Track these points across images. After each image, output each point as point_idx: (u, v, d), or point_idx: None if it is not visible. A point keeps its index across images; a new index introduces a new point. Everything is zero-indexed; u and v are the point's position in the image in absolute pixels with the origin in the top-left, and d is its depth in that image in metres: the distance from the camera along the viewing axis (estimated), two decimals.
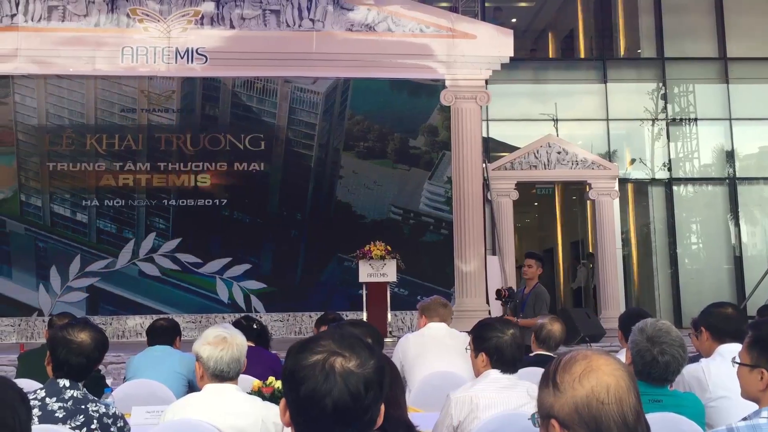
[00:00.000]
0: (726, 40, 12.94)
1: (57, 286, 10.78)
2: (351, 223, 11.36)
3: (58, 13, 11.18)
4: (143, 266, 10.93)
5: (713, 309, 3.28)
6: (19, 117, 11.14)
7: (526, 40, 15.31)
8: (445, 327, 4.46)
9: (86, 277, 10.83)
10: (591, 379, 1.33)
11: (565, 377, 1.35)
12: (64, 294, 10.78)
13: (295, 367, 1.35)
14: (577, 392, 1.32)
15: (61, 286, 10.78)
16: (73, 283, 10.81)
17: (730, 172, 12.80)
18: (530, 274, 6.52)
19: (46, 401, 2.67)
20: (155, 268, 10.94)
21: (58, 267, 10.83)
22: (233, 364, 2.78)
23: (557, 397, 1.34)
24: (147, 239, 11.00)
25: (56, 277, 10.78)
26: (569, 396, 1.33)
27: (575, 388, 1.33)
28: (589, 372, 1.34)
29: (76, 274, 10.81)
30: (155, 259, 10.96)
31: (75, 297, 10.77)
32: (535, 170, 11.89)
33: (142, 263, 10.94)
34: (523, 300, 6.41)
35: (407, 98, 11.70)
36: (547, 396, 1.36)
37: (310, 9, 11.50)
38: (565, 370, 1.36)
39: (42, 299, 10.74)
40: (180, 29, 11.27)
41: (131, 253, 10.96)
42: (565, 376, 1.35)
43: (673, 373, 2.70)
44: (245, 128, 11.36)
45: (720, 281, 12.57)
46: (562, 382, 1.34)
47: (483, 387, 2.79)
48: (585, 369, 1.35)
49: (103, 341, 2.87)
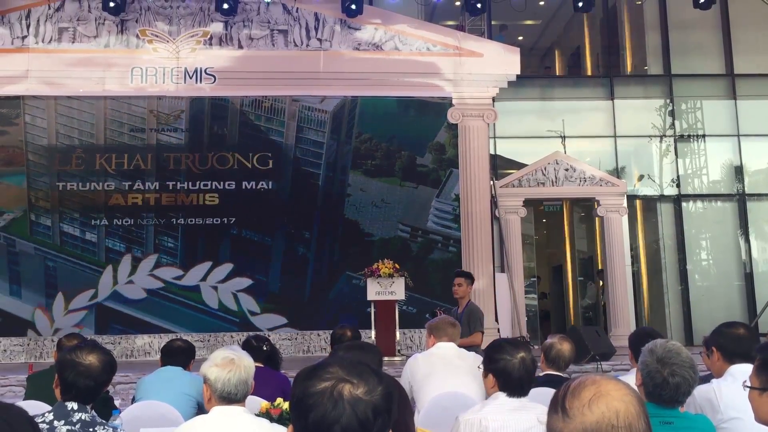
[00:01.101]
0: (733, 57, 12.94)
1: (62, 306, 10.80)
2: (359, 241, 11.38)
3: (68, 35, 11.31)
4: (151, 285, 10.95)
5: (724, 329, 3.24)
6: (30, 137, 11.23)
7: (532, 57, 15.37)
8: (454, 347, 4.43)
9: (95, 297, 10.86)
10: (601, 405, 1.32)
11: (575, 403, 1.33)
12: (72, 313, 10.80)
13: (303, 395, 1.34)
14: (587, 418, 1.31)
15: (66, 306, 10.81)
16: (80, 303, 10.83)
17: (739, 188, 12.74)
18: (461, 292, 6.49)
19: (54, 424, 2.67)
20: (163, 286, 10.97)
21: (67, 286, 10.87)
22: (241, 386, 2.77)
23: (566, 423, 1.33)
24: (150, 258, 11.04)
25: (62, 297, 10.82)
26: (578, 422, 1.31)
27: (585, 414, 1.31)
28: (599, 397, 1.33)
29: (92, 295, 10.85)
30: (162, 277, 10.98)
31: (79, 317, 10.80)
32: (543, 187, 11.88)
33: (151, 282, 10.96)
34: (458, 319, 6.32)
35: (414, 116, 11.74)
36: (557, 422, 1.34)
37: (318, 28, 11.59)
38: (574, 396, 1.34)
39: (50, 318, 10.76)
40: (189, 50, 11.37)
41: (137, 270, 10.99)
42: (575, 402, 1.33)
43: (684, 395, 2.67)
44: (253, 147, 11.41)
45: (731, 298, 12.48)
46: (571, 407, 1.33)
47: (492, 409, 2.77)
48: (594, 394, 1.33)
49: (111, 363, 2.88)
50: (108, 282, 10.92)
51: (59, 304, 10.80)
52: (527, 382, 2.86)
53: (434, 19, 12.86)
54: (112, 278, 10.93)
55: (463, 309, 6.41)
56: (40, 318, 10.76)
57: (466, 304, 6.44)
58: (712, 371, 3.36)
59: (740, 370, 2.89)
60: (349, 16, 11.28)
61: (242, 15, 11.47)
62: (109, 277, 10.93)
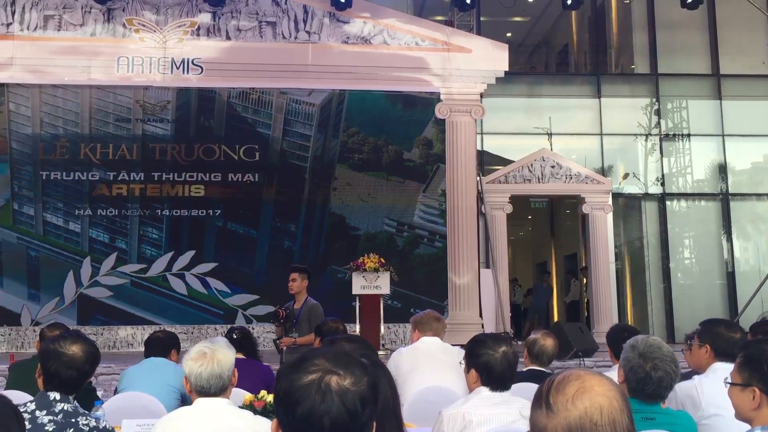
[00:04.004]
0: (719, 57, 13.03)
1: (48, 296, 10.73)
2: (345, 235, 11.37)
3: (54, 23, 11.19)
4: (135, 276, 10.90)
5: (724, 331, 3.21)
6: (14, 125, 11.12)
7: (521, 54, 15.39)
8: (439, 341, 4.44)
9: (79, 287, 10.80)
10: (584, 400, 1.32)
11: (558, 398, 1.34)
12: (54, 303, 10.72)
13: (289, 388, 1.33)
14: (570, 413, 1.31)
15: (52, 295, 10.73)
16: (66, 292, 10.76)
17: (722, 188, 12.86)
18: (296, 288, 6.15)
19: (36, 414, 2.65)
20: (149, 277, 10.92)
21: (49, 276, 10.79)
22: (213, 380, 2.76)
23: (550, 418, 1.33)
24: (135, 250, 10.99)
25: (47, 286, 10.74)
26: (562, 417, 1.32)
27: (568, 409, 1.32)
28: (582, 393, 1.33)
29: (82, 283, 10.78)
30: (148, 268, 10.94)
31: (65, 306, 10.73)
32: (529, 184, 11.92)
33: (135, 273, 10.91)
34: (296, 316, 6.09)
35: (402, 111, 11.73)
36: (541, 417, 1.35)
37: (306, 21, 11.54)
38: (558, 391, 1.35)
39: (32, 308, 10.68)
40: (176, 40, 11.29)
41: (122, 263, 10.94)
42: (558, 397, 1.34)
43: (666, 389, 2.70)
44: (240, 139, 11.36)
45: (712, 296, 12.60)
46: (555, 402, 1.33)
47: (475, 403, 2.78)
48: (578, 389, 1.34)
49: (94, 354, 2.86)
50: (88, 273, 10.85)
51: (45, 296, 10.73)
52: (510, 376, 2.87)
53: (423, 14, 12.87)
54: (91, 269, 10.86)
55: (302, 305, 6.13)
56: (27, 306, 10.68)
57: (305, 301, 6.15)
58: (694, 365, 3.39)
59: (723, 368, 2.92)
60: (338, 9, 11.25)
61: (230, 6, 11.40)
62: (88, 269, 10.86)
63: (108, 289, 10.83)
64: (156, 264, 10.96)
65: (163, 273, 10.93)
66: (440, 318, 4.61)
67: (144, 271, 10.93)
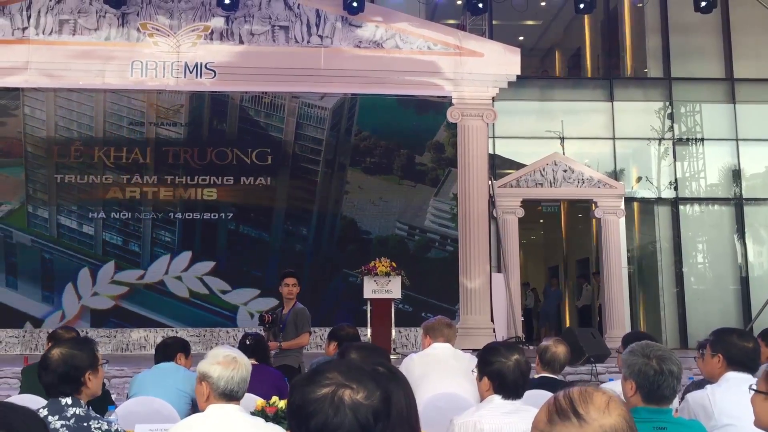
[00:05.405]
0: (733, 61, 12.95)
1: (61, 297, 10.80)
2: (356, 239, 11.38)
3: (69, 27, 11.28)
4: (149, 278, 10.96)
5: (737, 341, 3.19)
6: (29, 129, 11.22)
7: (533, 58, 15.36)
8: (450, 347, 4.43)
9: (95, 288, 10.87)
10: (618, 407, 1.38)
11: (590, 407, 1.37)
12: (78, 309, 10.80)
13: (303, 402, 1.34)
14: (606, 421, 1.36)
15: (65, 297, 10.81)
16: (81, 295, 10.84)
17: (736, 192, 12.77)
18: (296, 292, 6.32)
19: (49, 420, 2.68)
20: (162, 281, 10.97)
21: (63, 279, 10.86)
22: (242, 384, 2.80)
23: (584, 427, 1.35)
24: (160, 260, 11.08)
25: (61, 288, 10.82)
26: (597, 426, 1.35)
27: (604, 417, 1.36)
28: (613, 401, 1.39)
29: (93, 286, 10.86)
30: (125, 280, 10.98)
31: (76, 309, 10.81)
32: (541, 188, 11.88)
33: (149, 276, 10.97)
34: (283, 321, 6.20)
35: (414, 115, 11.73)
36: (571, 428, 1.36)
37: (319, 25, 11.58)
38: (587, 402, 1.38)
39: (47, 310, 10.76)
40: (189, 44, 11.35)
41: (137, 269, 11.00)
42: (590, 407, 1.37)
43: (678, 382, 2.64)
44: (252, 143, 11.41)
45: (726, 301, 12.51)
46: (587, 412, 1.36)
47: (487, 412, 2.78)
48: (610, 398, 1.39)
49: (72, 356, 2.81)
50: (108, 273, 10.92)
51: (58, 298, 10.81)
52: (522, 384, 2.86)
53: (435, 18, 12.86)
54: None
55: (290, 309, 6.25)
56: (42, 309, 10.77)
57: (293, 305, 6.27)
58: (706, 374, 3.36)
59: (736, 377, 2.90)
60: (351, 14, 11.26)
61: (243, 10, 11.45)
62: None
63: (115, 293, 10.89)
64: (172, 265, 11.01)
65: (179, 275, 10.98)
66: (451, 324, 4.60)
67: (155, 274, 10.99)
